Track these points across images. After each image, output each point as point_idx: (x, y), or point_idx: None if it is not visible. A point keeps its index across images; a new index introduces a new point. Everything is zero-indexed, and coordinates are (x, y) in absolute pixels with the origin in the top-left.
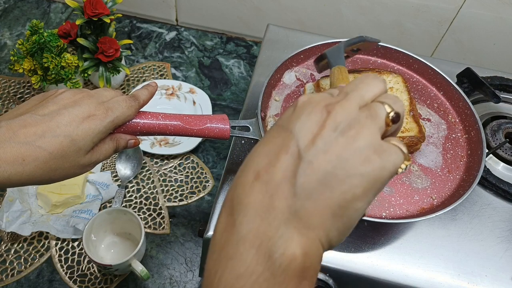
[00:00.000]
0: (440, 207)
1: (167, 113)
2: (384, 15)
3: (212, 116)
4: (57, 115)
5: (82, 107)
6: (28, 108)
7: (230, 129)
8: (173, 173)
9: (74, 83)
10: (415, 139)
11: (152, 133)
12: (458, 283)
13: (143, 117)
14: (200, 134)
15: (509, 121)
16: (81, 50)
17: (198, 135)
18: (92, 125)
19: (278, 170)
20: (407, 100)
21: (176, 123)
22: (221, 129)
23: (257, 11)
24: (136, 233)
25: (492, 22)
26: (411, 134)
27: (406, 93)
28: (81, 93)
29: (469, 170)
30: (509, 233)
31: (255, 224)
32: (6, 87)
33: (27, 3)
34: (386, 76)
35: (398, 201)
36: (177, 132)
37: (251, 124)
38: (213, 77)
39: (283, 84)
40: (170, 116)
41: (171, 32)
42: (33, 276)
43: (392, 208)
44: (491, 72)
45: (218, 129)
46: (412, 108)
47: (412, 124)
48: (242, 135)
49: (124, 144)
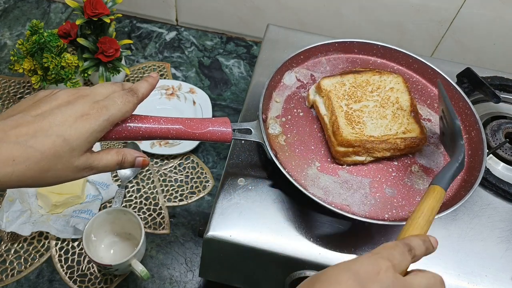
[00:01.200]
0: (442, 208)
1: (168, 116)
2: (384, 15)
3: (214, 119)
4: (50, 115)
5: (76, 107)
6: (21, 109)
7: (232, 132)
8: (173, 173)
9: (74, 83)
10: (417, 140)
11: (154, 137)
12: (458, 283)
13: (144, 122)
14: (202, 138)
15: (509, 121)
16: (81, 50)
17: (200, 139)
18: (86, 124)
19: None
20: (407, 101)
21: (178, 127)
22: (223, 132)
23: (257, 11)
24: (136, 233)
25: (492, 22)
26: (412, 135)
27: (406, 93)
28: (76, 93)
29: (470, 170)
30: (509, 233)
31: None
32: (6, 87)
33: (27, 3)
34: (386, 76)
35: (400, 203)
36: (179, 136)
37: (252, 126)
38: (213, 77)
39: (283, 85)
40: (172, 119)
41: (171, 32)
42: (33, 276)
43: (395, 209)
44: (491, 72)
45: (220, 132)
46: (413, 108)
47: (413, 125)
48: (244, 138)
49: (131, 160)
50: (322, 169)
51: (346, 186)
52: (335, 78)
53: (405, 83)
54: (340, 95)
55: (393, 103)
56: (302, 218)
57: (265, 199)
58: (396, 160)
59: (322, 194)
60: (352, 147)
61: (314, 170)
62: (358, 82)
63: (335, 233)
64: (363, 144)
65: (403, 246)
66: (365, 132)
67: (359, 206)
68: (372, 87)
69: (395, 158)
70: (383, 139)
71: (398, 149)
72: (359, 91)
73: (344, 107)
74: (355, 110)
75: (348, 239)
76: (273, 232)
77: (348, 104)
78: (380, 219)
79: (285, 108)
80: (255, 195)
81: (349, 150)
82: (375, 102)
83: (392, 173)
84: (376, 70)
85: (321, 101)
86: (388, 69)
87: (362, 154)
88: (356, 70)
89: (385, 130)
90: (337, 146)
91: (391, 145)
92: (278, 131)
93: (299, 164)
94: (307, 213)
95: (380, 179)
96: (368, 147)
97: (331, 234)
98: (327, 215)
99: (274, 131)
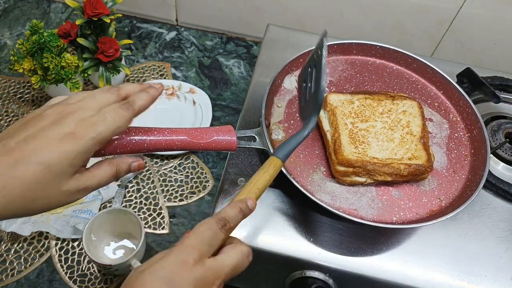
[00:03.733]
0: (449, 209)
1: (172, 128)
2: (384, 15)
3: (218, 128)
4: (33, 139)
5: (60, 127)
6: (9, 133)
7: (237, 140)
8: (173, 173)
9: (74, 83)
10: (422, 168)
11: (159, 149)
12: (458, 283)
13: (149, 134)
14: (207, 148)
15: (509, 121)
16: (81, 50)
17: (205, 149)
18: (69, 146)
19: None
20: (419, 126)
21: (183, 138)
22: (228, 141)
23: (257, 11)
24: (136, 233)
25: (492, 22)
26: (418, 162)
27: (419, 118)
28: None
29: (474, 169)
30: (509, 233)
31: None
32: (6, 87)
33: (27, 3)
34: (400, 100)
35: (407, 204)
36: (184, 147)
37: (256, 133)
38: (213, 77)
39: (284, 89)
40: (177, 130)
41: (171, 32)
42: (33, 276)
43: (402, 212)
44: (491, 72)
45: (225, 141)
46: (424, 135)
47: (421, 152)
48: (249, 145)
49: (126, 168)
50: (328, 173)
51: (352, 190)
52: (344, 96)
53: (420, 108)
54: (346, 112)
55: (403, 127)
56: (302, 218)
57: (265, 200)
58: None
59: (329, 199)
60: (353, 167)
61: (320, 175)
62: (368, 102)
63: (335, 233)
64: (364, 165)
65: (217, 224)
66: (368, 153)
67: (367, 210)
68: (384, 108)
69: None
70: (387, 162)
71: (401, 175)
72: (368, 111)
73: (349, 125)
74: (361, 129)
75: (347, 239)
76: (273, 232)
77: (354, 122)
78: (389, 222)
79: (287, 113)
80: None
81: (349, 170)
82: (384, 124)
83: None
84: (390, 94)
85: (325, 116)
86: (387, 69)
87: (363, 176)
88: (368, 91)
89: (390, 153)
90: (337, 165)
91: (393, 170)
92: (282, 136)
93: (304, 169)
94: (307, 214)
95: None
96: (370, 168)
97: (331, 235)
98: (333, 219)
99: (278, 137)
